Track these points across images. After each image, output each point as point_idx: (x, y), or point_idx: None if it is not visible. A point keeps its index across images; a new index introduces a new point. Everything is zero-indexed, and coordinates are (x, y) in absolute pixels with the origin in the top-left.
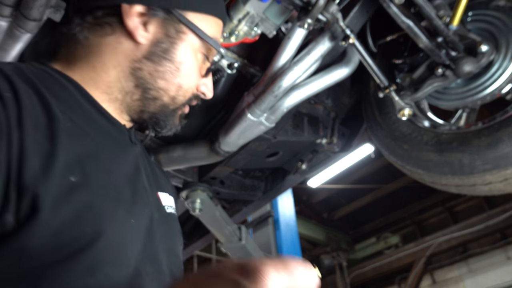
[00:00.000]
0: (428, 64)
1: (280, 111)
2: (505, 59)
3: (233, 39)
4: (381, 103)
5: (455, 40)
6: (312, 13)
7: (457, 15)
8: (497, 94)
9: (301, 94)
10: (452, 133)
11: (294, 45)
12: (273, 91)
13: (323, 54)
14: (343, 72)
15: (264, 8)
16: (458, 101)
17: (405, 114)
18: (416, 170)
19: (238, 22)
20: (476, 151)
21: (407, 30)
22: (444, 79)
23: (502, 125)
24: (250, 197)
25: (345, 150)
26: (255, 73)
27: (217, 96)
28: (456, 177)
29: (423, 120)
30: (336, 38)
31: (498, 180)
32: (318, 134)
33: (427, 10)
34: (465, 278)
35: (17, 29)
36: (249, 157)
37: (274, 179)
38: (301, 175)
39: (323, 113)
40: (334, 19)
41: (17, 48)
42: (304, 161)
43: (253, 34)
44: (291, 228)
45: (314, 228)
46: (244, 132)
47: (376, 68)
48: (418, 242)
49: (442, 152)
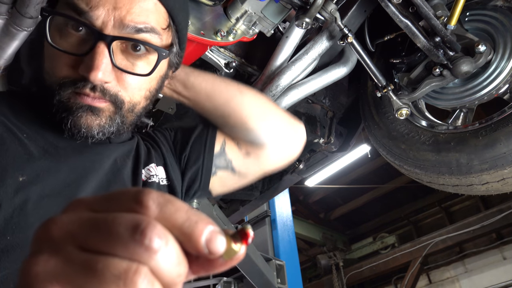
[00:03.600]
0: (426, 63)
1: None
2: (503, 59)
3: (231, 38)
4: (379, 102)
5: (453, 40)
6: (310, 12)
7: (455, 15)
8: (495, 94)
9: (298, 93)
10: (450, 133)
11: (292, 44)
12: (271, 90)
13: (321, 53)
14: (340, 71)
15: (262, 6)
16: (456, 101)
17: (402, 114)
18: (414, 169)
19: (236, 20)
20: (474, 151)
21: (405, 30)
22: (441, 79)
23: (500, 125)
24: (247, 196)
25: (343, 149)
26: (253, 72)
27: None
28: (454, 177)
29: (421, 120)
30: (334, 37)
31: (495, 180)
32: (315, 133)
33: (425, 10)
34: (461, 278)
35: (13, 27)
36: None
37: (271, 179)
38: (299, 174)
39: (321, 112)
40: (332, 18)
41: (13, 46)
42: (302, 161)
43: (251, 33)
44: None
45: (310, 228)
46: None
47: (374, 68)
48: (415, 242)
49: (440, 152)
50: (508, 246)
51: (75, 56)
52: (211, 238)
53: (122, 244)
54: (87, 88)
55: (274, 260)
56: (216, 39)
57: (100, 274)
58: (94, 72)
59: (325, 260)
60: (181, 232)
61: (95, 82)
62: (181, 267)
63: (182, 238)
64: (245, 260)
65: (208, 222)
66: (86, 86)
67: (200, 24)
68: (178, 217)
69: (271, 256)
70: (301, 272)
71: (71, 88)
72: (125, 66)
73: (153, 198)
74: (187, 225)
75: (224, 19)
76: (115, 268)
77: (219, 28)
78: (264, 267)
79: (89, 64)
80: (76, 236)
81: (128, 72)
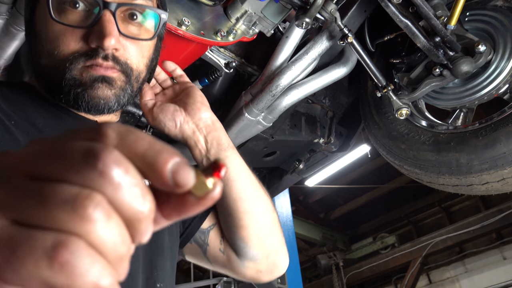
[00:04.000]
0: (426, 63)
1: (278, 110)
2: (503, 59)
3: (231, 38)
4: (379, 102)
5: (453, 40)
6: (310, 12)
7: (455, 15)
8: (495, 94)
9: (298, 93)
10: (450, 133)
11: (292, 44)
12: (271, 90)
13: (321, 53)
14: (340, 71)
15: (262, 6)
16: (456, 101)
17: (402, 114)
18: (414, 169)
19: (236, 20)
20: (474, 151)
21: (405, 30)
22: (441, 79)
23: (499, 125)
24: None
25: (343, 149)
26: (253, 72)
27: (214, 95)
28: (454, 177)
29: (421, 120)
30: (334, 37)
31: (495, 180)
32: (315, 133)
33: (425, 10)
34: (461, 278)
35: (13, 27)
36: (247, 157)
37: (271, 179)
38: (299, 174)
39: (321, 112)
40: (332, 18)
41: (13, 46)
42: (302, 161)
43: (251, 33)
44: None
45: (310, 228)
46: (241, 131)
47: (374, 68)
48: (415, 242)
49: (440, 152)
50: (508, 246)
51: (81, 30)
52: (177, 169)
53: (74, 170)
54: (100, 57)
55: None
56: (216, 39)
57: (46, 199)
58: (108, 39)
59: (325, 260)
60: (143, 161)
61: (108, 49)
62: (145, 201)
63: (145, 169)
64: None
65: (174, 153)
66: (98, 56)
67: (200, 24)
68: (139, 145)
69: None
70: (301, 272)
71: (82, 61)
72: (129, 34)
73: (112, 127)
74: (150, 154)
75: (224, 19)
76: (64, 192)
77: (219, 28)
78: None
79: (100, 33)
80: (26, 165)
81: (135, 38)
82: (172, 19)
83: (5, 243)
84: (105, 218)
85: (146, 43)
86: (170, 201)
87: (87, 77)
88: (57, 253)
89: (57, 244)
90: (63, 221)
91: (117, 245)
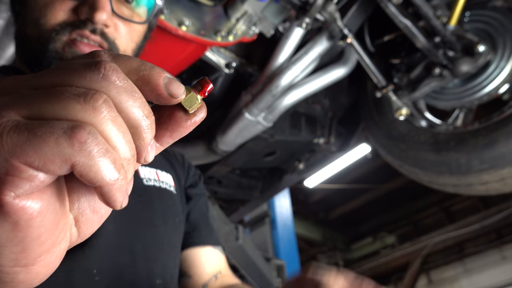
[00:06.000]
0: (426, 64)
1: (278, 110)
2: (502, 59)
3: (231, 38)
4: (379, 103)
5: (453, 40)
6: (310, 12)
7: (455, 15)
8: (494, 94)
9: (299, 93)
10: (449, 133)
11: (292, 44)
12: (271, 90)
13: (321, 53)
14: (340, 71)
15: (262, 7)
16: (455, 101)
17: (402, 114)
18: (414, 169)
19: (236, 21)
20: (473, 151)
21: (405, 30)
22: (441, 79)
23: (499, 125)
24: (247, 196)
25: (342, 149)
26: (253, 72)
27: (214, 95)
28: (453, 177)
29: (421, 120)
30: (334, 37)
31: (495, 180)
32: (315, 133)
33: (425, 10)
34: (461, 277)
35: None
36: (247, 157)
37: (271, 179)
38: (299, 174)
39: (321, 112)
40: (332, 18)
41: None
42: (302, 161)
43: (251, 34)
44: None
45: (310, 227)
46: (241, 131)
47: (373, 68)
48: (414, 242)
49: (439, 152)
50: (508, 245)
51: (72, 2)
52: (169, 82)
53: (79, 75)
54: (87, 29)
55: (274, 260)
56: (216, 39)
57: (58, 96)
58: (100, 12)
59: (325, 259)
60: (138, 75)
61: (99, 23)
62: (145, 108)
63: (140, 82)
64: (245, 260)
65: (164, 70)
66: (86, 27)
67: (200, 24)
68: (133, 62)
69: (271, 256)
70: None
71: (68, 31)
72: (121, 14)
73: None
74: (144, 68)
75: (224, 19)
76: (75, 90)
77: (219, 28)
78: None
79: (93, 5)
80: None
81: (127, 20)
82: (172, 19)
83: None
84: (113, 113)
85: (136, 28)
86: (161, 120)
87: (69, 52)
88: (76, 132)
89: (75, 126)
90: (77, 111)
91: (124, 145)
